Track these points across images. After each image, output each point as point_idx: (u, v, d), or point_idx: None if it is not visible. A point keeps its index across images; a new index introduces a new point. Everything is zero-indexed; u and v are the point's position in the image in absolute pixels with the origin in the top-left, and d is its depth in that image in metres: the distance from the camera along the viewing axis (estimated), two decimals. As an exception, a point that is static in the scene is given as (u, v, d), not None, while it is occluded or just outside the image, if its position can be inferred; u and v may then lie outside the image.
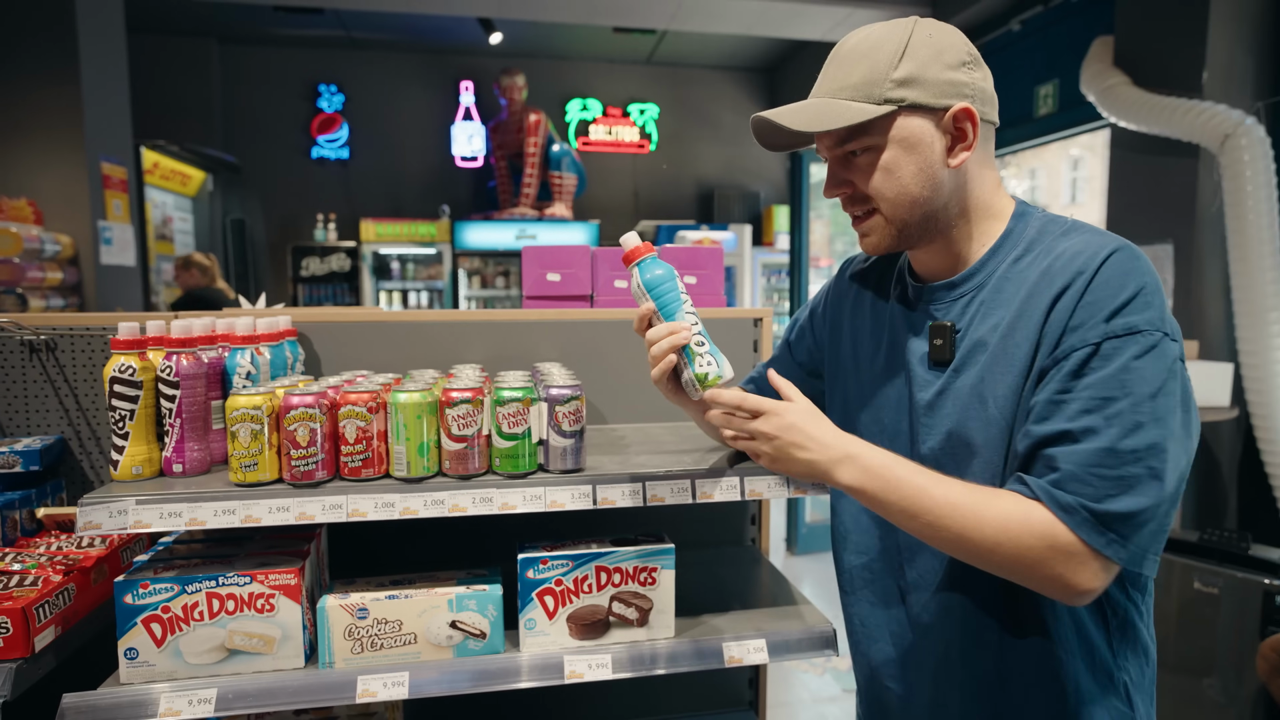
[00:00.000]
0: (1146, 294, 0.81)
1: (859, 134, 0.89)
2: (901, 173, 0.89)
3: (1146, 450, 0.78)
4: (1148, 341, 0.79)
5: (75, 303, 4.23)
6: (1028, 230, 0.92)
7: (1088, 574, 0.79)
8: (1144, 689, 0.92)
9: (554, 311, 1.59)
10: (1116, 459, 0.78)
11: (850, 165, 0.92)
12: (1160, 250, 3.35)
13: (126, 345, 1.11)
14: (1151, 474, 0.78)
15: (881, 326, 1.04)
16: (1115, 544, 0.78)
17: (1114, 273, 0.81)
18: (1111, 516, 0.78)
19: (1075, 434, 0.80)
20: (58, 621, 1.09)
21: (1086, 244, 0.85)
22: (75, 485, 1.42)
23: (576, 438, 1.15)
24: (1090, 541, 0.78)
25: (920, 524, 0.85)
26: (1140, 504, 0.78)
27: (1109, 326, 0.80)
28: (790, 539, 4.75)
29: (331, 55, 6.80)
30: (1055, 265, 0.86)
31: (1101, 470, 0.78)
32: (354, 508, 1.07)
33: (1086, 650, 0.89)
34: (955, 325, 0.93)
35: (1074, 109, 4.05)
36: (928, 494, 0.84)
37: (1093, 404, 0.79)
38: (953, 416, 0.91)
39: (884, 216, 0.92)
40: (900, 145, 0.89)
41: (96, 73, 4.34)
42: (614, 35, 6.37)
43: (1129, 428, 0.78)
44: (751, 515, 1.74)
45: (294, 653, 1.12)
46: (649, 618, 1.21)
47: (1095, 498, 0.78)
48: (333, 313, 1.52)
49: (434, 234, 6.66)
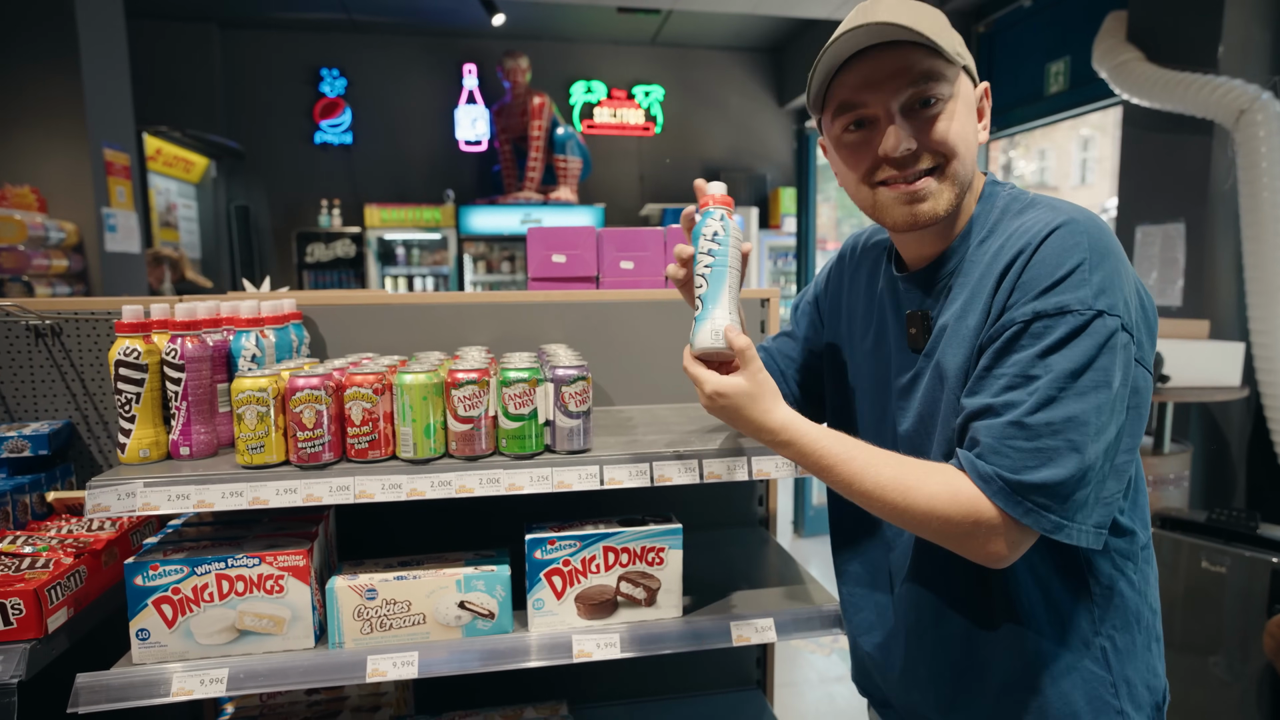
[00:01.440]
0: (1083, 270, 0.79)
1: (938, 77, 0.85)
2: (967, 130, 0.88)
3: (1064, 423, 0.78)
4: (1077, 321, 0.79)
5: (80, 289, 4.24)
6: (993, 212, 0.93)
7: (1001, 542, 0.81)
8: (1133, 655, 0.92)
9: (559, 293, 1.58)
10: (1030, 432, 0.79)
11: (917, 116, 0.87)
12: (1172, 229, 3.31)
13: (131, 329, 1.10)
14: (1070, 446, 0.78)
15: (872, 309, 1.05)
16: (1034, 513, 0.79)
17: (1052, 250, 0.81)
18: (1026, 486, 0.79)
19: (996, 408, 0.81)
20: (69, 603, 1.09)
21: (1035, 220, 0.86)
22: (84, 469, 1.43)
23: (583, 418, 1.15)
24: (1008, 510, 0.80)
25: (857, 496, 0.88)
26: (1058, 475, 0.78)
27: (1039, 305, 0.80)
28: (797, 521, 4.76)
29: (333, 39, 6.76)
30: (1005, 245, 0.87)
31: (1017, 443, 0.79)
32: (361, 489, 1.07)
33: (1054, 617, 0.90)
34: (929, 312, 0.94)
35: (1086, 86, 3.99)
36: (860, 473, 0.86)
37: (1016, 381, 0.81)
38: (923, 400, 0.93)
39: (948, 176, 0.88)
40: (963, 102, 0.88)
41: (97, 59, 4.33)
42: (618, 16, 6.29)
43: (1042, 402, 0.79)
44: (759, 496, 1.74)
45: (304, 633, 1.13)
46: (657, 597, 1.22)
47: (1012, 469, 0.79)
48: (337, 295, 1.51)
49: (439, 219, 6.64)
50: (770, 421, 0.92)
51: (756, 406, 0.92)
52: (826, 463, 0.89)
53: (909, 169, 0.88)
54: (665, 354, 1.59)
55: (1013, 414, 0.80)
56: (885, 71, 0.85)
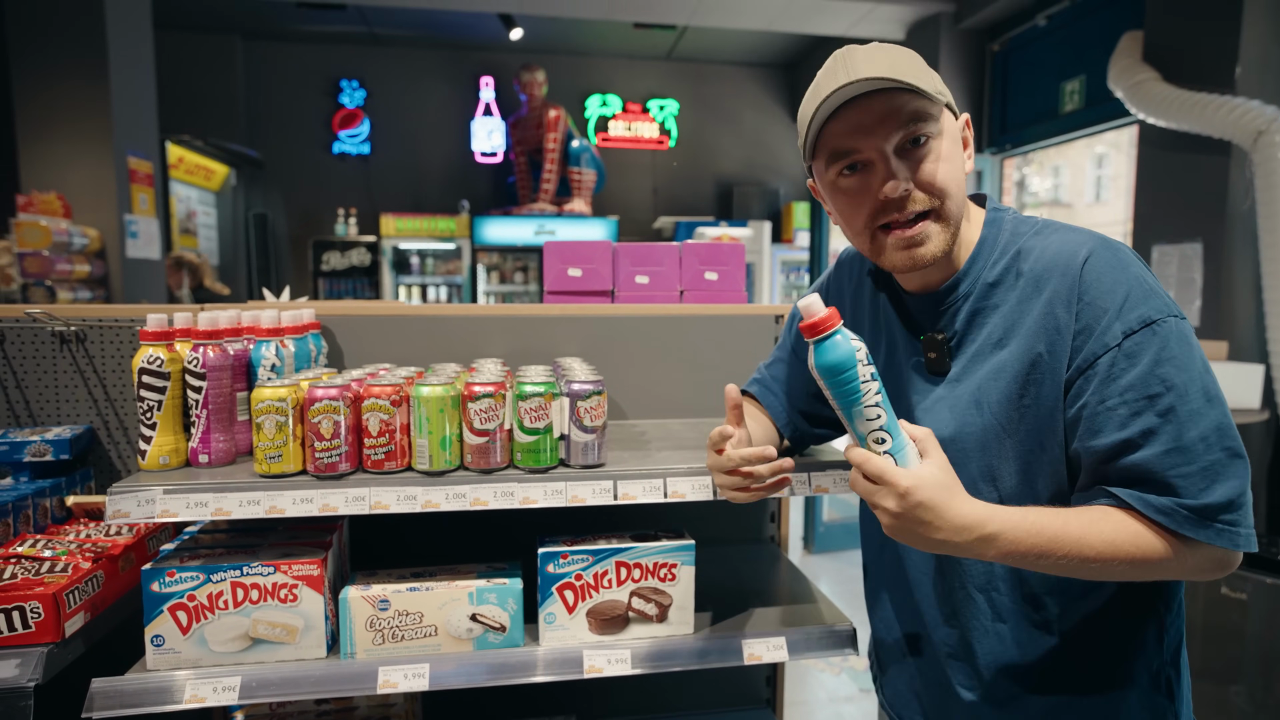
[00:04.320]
0: (1143, 282, 0.81)
1: (925, 117, 0.86)
2: (954, 167, 0.89)
3: (1215, 433, 0.78)
4: (1164, 330, 0.79)
5: (102, 295, 4.30)
6: (1002, 235, 0.93)
7: (1209, 561, 0.80)
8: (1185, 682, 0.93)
9: (575, 307, 1.59)
10: (1190, 454, 0.78)
11: (909, 156, 0.87)
12: (1189, 249, 3.29)
13: (155, 337, 1.12)
14: (1230, 453, 0.78)
15: (879, 323, 1.04)
16: (1226, 533, 0.78)
17: (1103, 269, 0.82)
18: (1211, 509, 0.77)
19: (1136, 440, 0.79)
20: (87, 608, 1.10)
21: (1065, 242, 0.86)
22: (103, 474, 1.44)
23: (598, 433, 1.15)
24: (1199, 537, 0.78)
25: (1076, 570, 0.80)
26: (1235, 488, 0.78)
27: (1121, 324, 0.80)
28: (807, 538, 4.73)
29: (353, 51, 6.85)
30: (1038, 268, 0.86)
31: (1182, 469, 0.78)
32: (376, 500, 1.07)
33: (1131, 646, 0.89)
34: (949, 336, 0.93)
35: (1101, 105, 3.98)
36: (1078, 544, 0.78)
37: (1139, 405, 0.79)
38: (950, 424, 0.91)
39: (941, 217, 0.88)
40: (949, 139, 0.89)
41: (124, 68, 4.41)
42: (634, 31, 6.35)
43: (1186, 419, 0.78)
44: (771, 512, 1.73)
45: (316, 643, 1.13)
46: (668, 614, 1.21)
47: (1190, 494, 0.78)
48: (356, 306, 1.53)
49: (453, 229, 6.69)
50: (977, 512, 0.78)
51: (956, 494, 0.79)
52: (1043, 541, 0.77)
53: (906, 210, 0.87)
54: (679, 369, 1.59)
55: (1160, 442, 0.78)
56: (875, 116, 0.85)
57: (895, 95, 0.85)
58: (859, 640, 1.25)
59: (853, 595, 4.04)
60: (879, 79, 0.82)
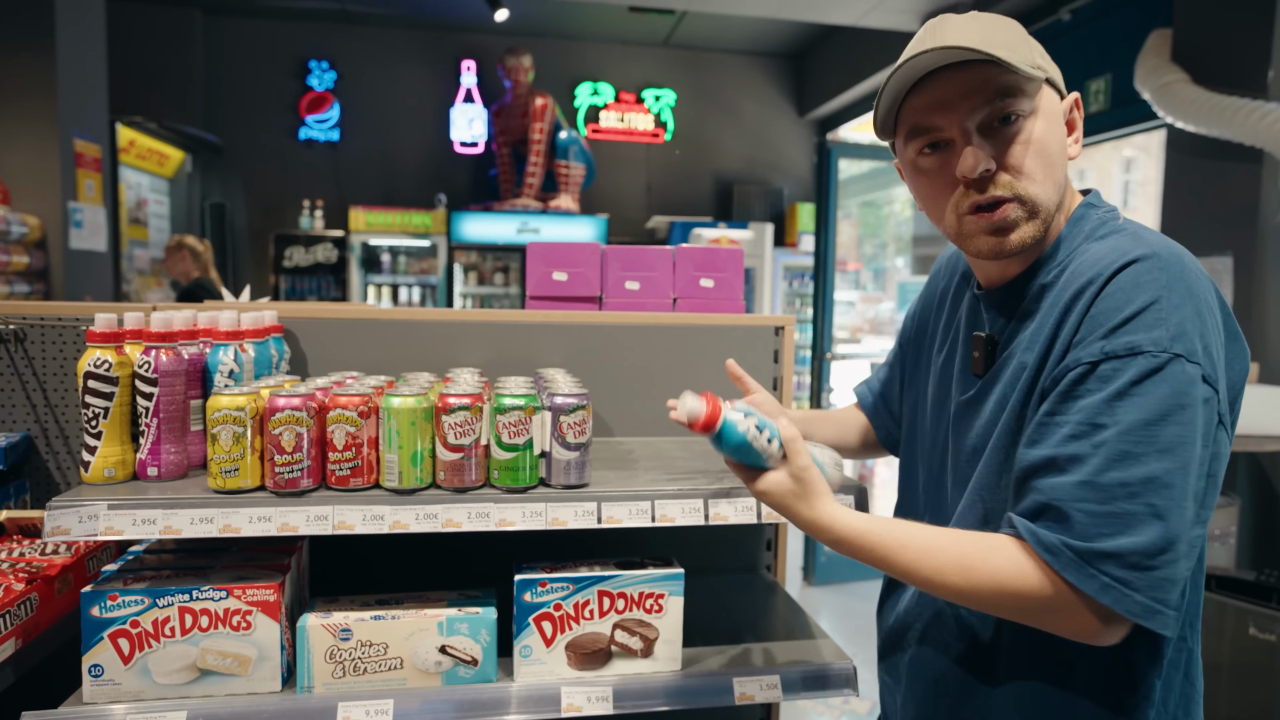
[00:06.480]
0: (1159, 309, 0.77)
1: (1016, 93, 0.85)
2: (1051, 149, 0.87)
3: (1141, 484, 0.74)
4: (1149, 364, 0.76)
5: (41, 289, 4.27)
6: (1078, 237, 0.92)
7: (1088, 618, 0.77)
8: None
9: (559, 313, 1.60)
10: (1103, 493, 0.75)
11: (996, 135, 0.86)
12: (1219, 263, 3.34)
13: (103, 338, 1.12)
14: (1152, 512, 0.74)
15: (951, 324, 1.08)
16: (1112, 590, 0.74)
17: (1126, 283, 0.79)
18: (1097, 554, 0.75)
19: (1060, 462, 0.79)
20: (18, 634, 1.10)
21: (1112, 248, 0.84)
22: (41, 487, 1.44)
23: (581, 451, 1.16)
24: (1078, 585, 0.76)
25: (921, 584, 0.88)
26: (1137, 544, 0.74)
27: (1108, 344, 0.78)
28: (807, 568, 4.74)
29: (324, 29, 6.86)
30: (1075, 272, 0.86)
31: (1087, 505, 0.76)
32: (340, 519, 1.08)
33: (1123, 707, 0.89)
34: (996, 336, 0.95)
35: (1127, 106, 4.05)
36: (916, 560, 0.87)
37: (1080, 430, 0.78)
38: (976, 426, 0.95)
39: (1028, 203, 0.86)
40: (1047, 118, 0.87)
41: (73, 43, 4.40)
42: (629, 15, 6.40)
43: (1115, 457, 0.75)
44: (767, 541, 1.74)
45: (270, 675, 1.13)
46: (654, 648, 1.22)
47: (1082, 536, 0.76)
48: (322, 308, 1.53)
49: (428, 225, 6.69)
50: (819, 518, 0.93)
51: (801, 501, 0.94)
52: (880, 554, 0.89)
53: (989, 191, 0.87)
54: (670, 383, 1.61)
55: (1080, 471, 0.76)
56: (957, 91, 0.85)
57: (984, 68, 0.83)
58: (859, 680, 1.26)
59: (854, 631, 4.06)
60: (961, 49, 0.81)
